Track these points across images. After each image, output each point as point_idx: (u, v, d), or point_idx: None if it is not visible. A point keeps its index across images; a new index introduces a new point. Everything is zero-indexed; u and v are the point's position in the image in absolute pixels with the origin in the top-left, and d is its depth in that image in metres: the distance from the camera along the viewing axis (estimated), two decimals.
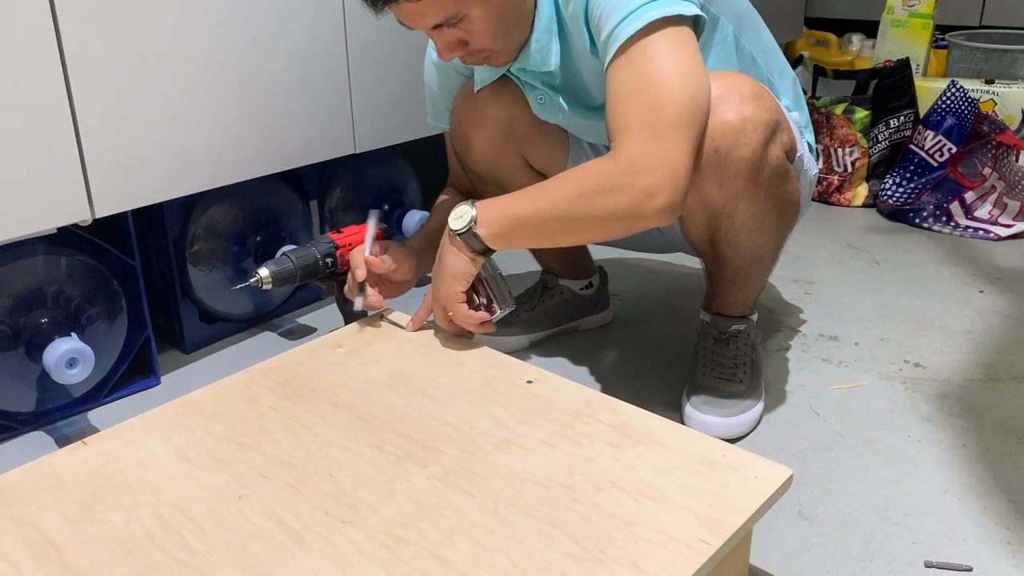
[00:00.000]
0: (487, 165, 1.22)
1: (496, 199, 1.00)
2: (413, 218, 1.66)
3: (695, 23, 0.93)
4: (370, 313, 1.16)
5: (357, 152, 1.51)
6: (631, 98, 0.90)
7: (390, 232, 1.25)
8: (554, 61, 1.05)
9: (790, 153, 1.04)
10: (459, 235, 1.00)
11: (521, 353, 1.35)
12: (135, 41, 1.16)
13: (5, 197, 1.07)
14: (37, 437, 1.19)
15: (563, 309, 1.40)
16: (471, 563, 0.69)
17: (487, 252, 1.02)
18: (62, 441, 1.17)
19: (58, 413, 1.22)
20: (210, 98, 1.26)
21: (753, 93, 0.97)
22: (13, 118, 1.05)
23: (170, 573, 0.69)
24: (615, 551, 0.69)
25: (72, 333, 1.16)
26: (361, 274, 1.10)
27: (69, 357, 1.12)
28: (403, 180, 1.72)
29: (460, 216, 1.01)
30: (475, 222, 0.99)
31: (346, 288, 1.16)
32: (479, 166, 1.23)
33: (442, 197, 1.31)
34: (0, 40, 1.02)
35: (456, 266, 1.02)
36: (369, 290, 1.11)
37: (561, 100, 1.11)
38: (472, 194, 1.30)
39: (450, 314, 1.04)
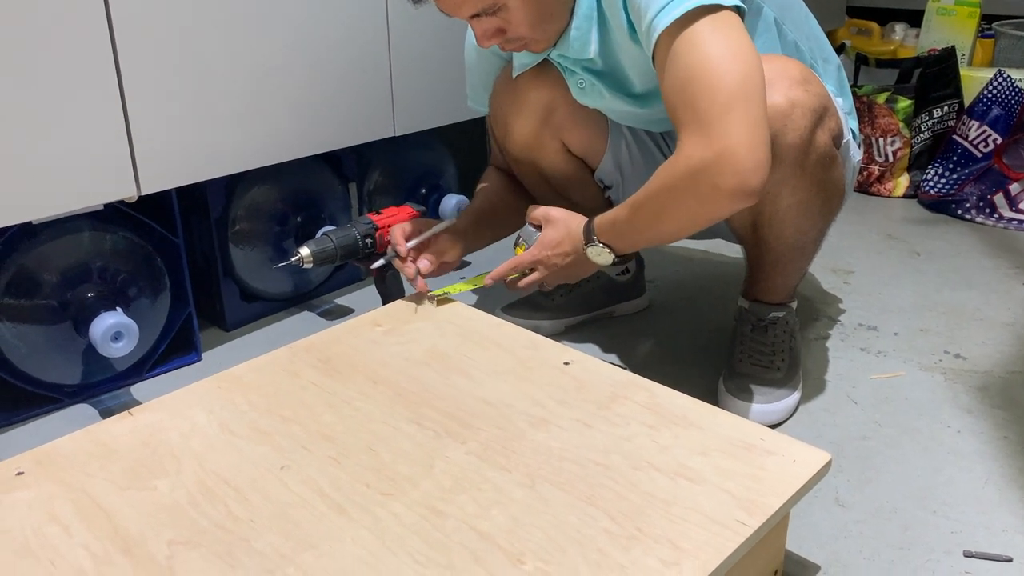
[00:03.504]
0: (525, 150, 1.22)
1: (604, 219, 1.03)
2: (450, 202, 1.67)
3: (736, 12, 0.91)
4: (407, 293, 1.17)
5: (396, 135, 1.52)
6: (681, 92, 0.88)
7: (426, 215, 1.26)
8: (593, 49, 1.05)
9: (836, 139, 1.03)
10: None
11: (557, 338, 1.35)
12: (183, 22, 1.17)
13: (54, 174, 1.09)
14: (82, 409, 1.21)
15: (599, 295, 1.40)
16: (508, 536, 0.69)
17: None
18: (106, 414, 1.20)
19: (103, 386, 1.25)
20: (254, 80, 1.28)
21: (802, 77, 0.96)
22: (63, 97, 1.08)
23: (214, 539, 0.71)
24: (652, 529, 0.70)
25: (117, 308, 1.18)
26: (403, 250, 1.16)
27: (114, 331, 1.14)
28: (441, 163, 1.73)
29: (599, 255, 1.05)
30: (611, 250, 1.04)
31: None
32: (517, 150, 1.23)
33: (484, 181, 1.32)
34: (51, 20, 1.04)
35: (593, 268, 1.10)
36: (411, 265, 1.16)
37: (602, 86, 1.11)
38: (513, 174, 1.30)
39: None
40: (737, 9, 0.90)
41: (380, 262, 1.19)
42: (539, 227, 1.11)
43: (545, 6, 1.00)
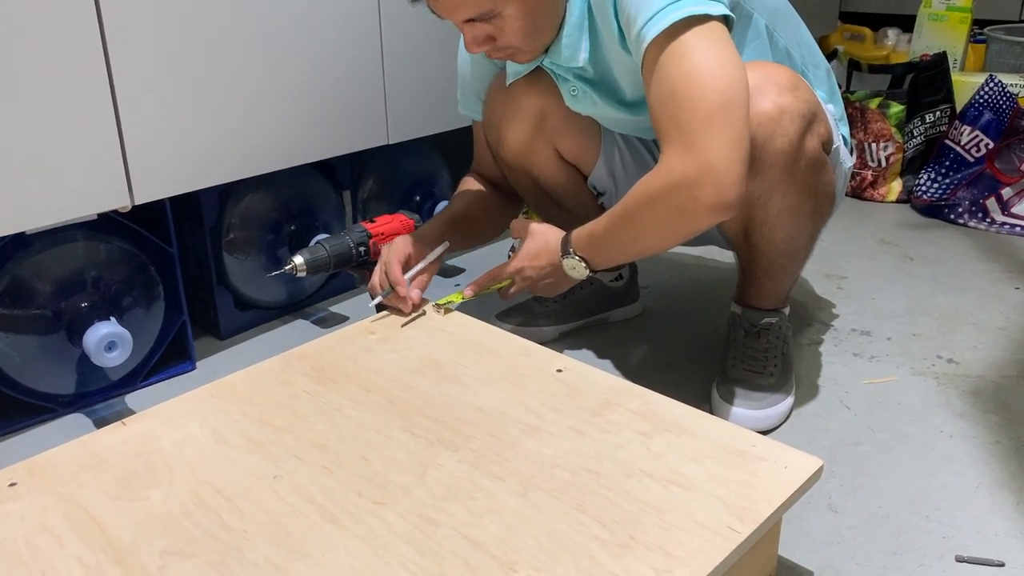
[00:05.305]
0: (518, 156, 1.23)
1: (582, 232, 1.05)
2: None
3: (724, 22, 0.91)
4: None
5: (390, 143, 1.52)
6: (664, 105, 0.90)
7: (420, 223, 1.27)
8: (583, 57, 1.06)
9: (826, 145, 1.04)
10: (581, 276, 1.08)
11: (550, 344, 1.35)
12: (176, 31, 1.18)
13: (47, 184, 1.09)
14: (76, 419, 1.21)
15: (593, 301, 1.41)
16: (500, 545, 0.69)
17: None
18: (100, 423, 1.20)
19: (97, 396, 1.25)
20: (247, 89, 1.28)
21: (791, 83, 0.97)
22: (56, 106, 1.08)
23: (207, 549, 0.71)
24: (644, 536, 0.70)
25: (111, 317, 1.18)
26: (402, 291, 1.12)
27: (108, 340, 1.14)
28: (434, 171, 1.73)
29: (573, 268, 1.06)
30: (586, 264, 1.05)
31: (369, 285, 1.17)
32: (511, 157, 1.23)
33: (463, 187, 1.32)
34: (44, 29, 1.05)
35: (570, 283, 1.12)
36: (413, 292, 1.13)
37: (594, 93, 1.11)
38: (497, 180, 1.30)
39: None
40: (725, 19, 0.90)
41: (378, 299, 1.14)
42: None
43: (539, 17, 1.01)
